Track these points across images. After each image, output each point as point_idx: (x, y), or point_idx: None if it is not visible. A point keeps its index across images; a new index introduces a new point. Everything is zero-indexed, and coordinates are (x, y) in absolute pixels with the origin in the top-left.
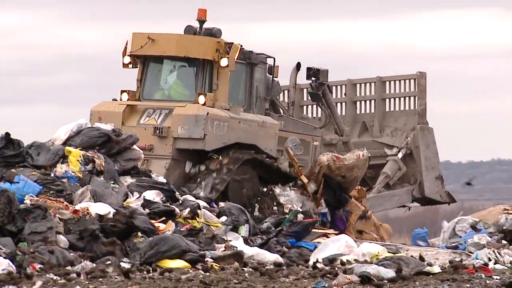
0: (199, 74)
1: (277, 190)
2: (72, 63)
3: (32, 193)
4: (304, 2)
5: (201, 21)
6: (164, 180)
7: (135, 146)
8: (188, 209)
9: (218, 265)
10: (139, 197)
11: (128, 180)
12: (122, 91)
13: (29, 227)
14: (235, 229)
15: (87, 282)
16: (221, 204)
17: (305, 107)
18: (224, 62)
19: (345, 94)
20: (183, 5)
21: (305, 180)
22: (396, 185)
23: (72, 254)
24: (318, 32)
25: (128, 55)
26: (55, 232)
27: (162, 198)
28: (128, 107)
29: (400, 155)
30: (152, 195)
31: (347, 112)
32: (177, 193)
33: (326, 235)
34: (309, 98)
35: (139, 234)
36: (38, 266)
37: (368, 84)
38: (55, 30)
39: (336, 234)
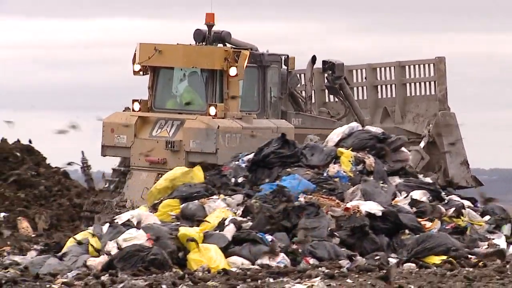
0: (208, 84)
1: None
2: None
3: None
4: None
5: (209, 26)
6: (431, 181)
7: (403, 148)
8: (453, 209)
9: (481, 263)
10: (406, 196)
11: (396, 180)
12: (134, 101)
13: (303, 223)
14: (498, 228)
15: (356, 276)
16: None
17: (327, 91)
18: (233, 71)
19: (365, 78)
20: None
21: None
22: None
23: (343, 249)
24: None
25: (137, 64)
26: (327, 228)
27: (428, 197)
28: (140, 118)
29: (422, 144)
30: (419, 194)
31: (368, 97)
32: (443, 193)
33: None
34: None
35: (406, 231)
36: (311, 260)
37: (388, 69)
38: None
39: None
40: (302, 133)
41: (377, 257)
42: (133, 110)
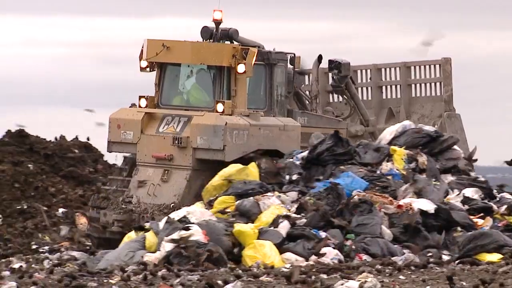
0: (216, 81)
1: None
2: None
3: (359, 188)
4: None
5: (217, 23)
6: (483, 179)
7: (455, 146)
8: (505, 206)
9: None
10: (459, 194)
11: (449, 178)
12: (140, 97)
13: (356, 220)
14: None
15: (409, 272)
16: None
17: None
18: (241, 68)
19: (370, 79)
20: None
21: None
22: None
23: (395, 246)
24: None
25: (144, 60)
26: (380, 225)
27: (480, 195)
28: (146, 114)
29: None
30: (471, 192)
31: (373, 97)
32: (495, 190)
33: None
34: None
35: (458, 228)
36: (364, 256)
37: (393, 69)
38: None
39: None
40: (308, 132)
41: (429, 254)
42: (140, 107)
